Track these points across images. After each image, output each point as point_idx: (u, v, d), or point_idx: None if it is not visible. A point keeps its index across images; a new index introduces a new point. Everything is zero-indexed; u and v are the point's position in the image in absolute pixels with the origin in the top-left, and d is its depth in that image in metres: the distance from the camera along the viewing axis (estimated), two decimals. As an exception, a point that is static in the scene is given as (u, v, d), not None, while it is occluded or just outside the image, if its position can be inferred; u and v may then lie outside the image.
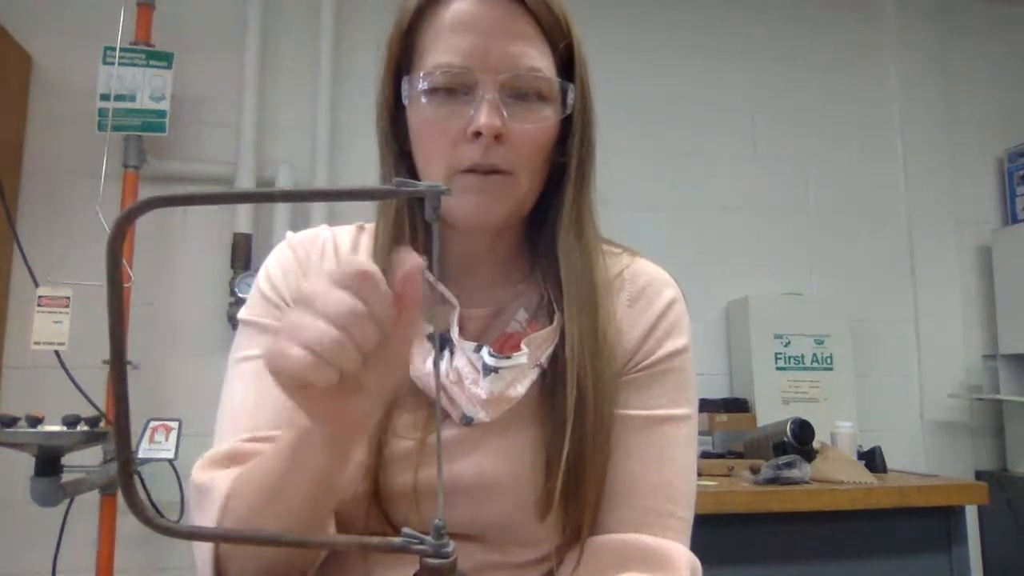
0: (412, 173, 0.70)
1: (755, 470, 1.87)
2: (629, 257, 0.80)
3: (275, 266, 0.75)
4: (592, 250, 0.72)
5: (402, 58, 0.69)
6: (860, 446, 2.15)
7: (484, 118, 0.63)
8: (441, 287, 0.69)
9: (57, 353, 1.88)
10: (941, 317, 2.70)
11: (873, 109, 2.80)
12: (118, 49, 2.09)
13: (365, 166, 1.75)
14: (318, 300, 0.46)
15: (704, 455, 2.10)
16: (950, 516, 1.83)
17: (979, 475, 2.56)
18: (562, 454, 0.64)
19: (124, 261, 2.03)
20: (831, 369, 2.45)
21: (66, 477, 1.58)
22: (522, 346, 0.68)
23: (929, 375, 2.66)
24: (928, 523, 1.82)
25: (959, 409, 2.65)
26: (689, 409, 0.73)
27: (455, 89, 0.65)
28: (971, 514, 2.23)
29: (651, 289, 0.76)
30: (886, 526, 1.79)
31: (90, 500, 1.94)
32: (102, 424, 1.73)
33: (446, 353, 0.68)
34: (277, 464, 0.58)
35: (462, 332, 0.70)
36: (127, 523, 2.03)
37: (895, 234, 2.75)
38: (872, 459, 2.06)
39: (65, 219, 2.10)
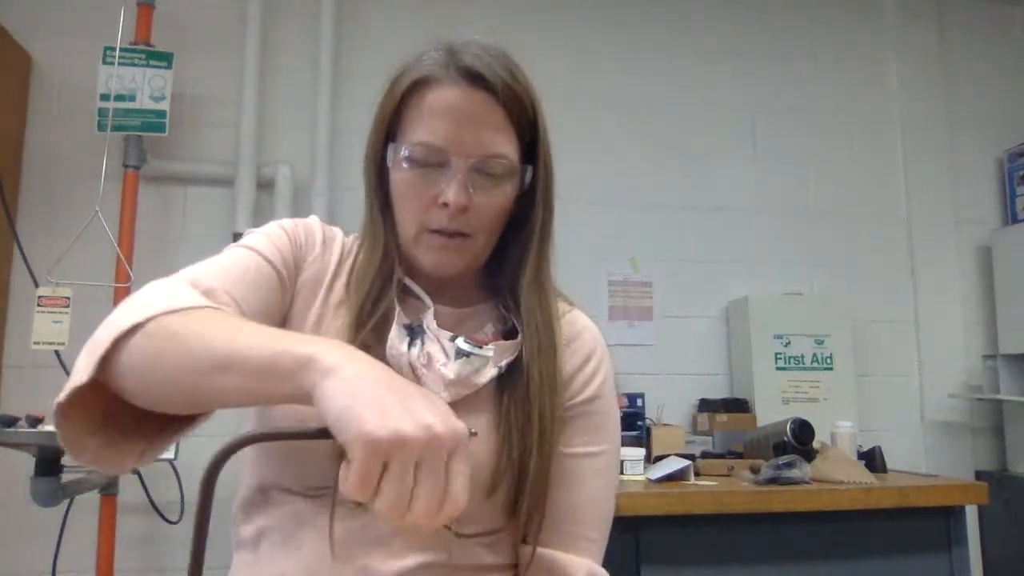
0: (391, 220, 0.83)
1: (755, 470, 1.87)
2: (568, 305, 0.92)
3: (299, 224, 0.86)
4: (551, 303, 0.84)
5: (391, 124, 0.81)
6: (860, 446, 2.15)
7: (453, 195, 0.76)
8: (416, 288, 0.83)
9: (57, 353, 1.88)
10: (941, 317, 2.70)
11: (873, 109, 2.81)
12: (118, 49, 2.09)
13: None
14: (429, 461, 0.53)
15: (704, 455, 2.10)
16: (950, 516, 1.83)
17: (979, 475, 2.56)
18: (512, 453, 0.76)
19: (124, 261, 2.03)
20: (831, 369, 2.45)
21: (66, 477, 1.58)
22: (490, 344, 0.80)
23: (929, 375, 2.66)
24: (928, 523, 1.82)
25: (959, 409, 2.65)
26: (603, 447, 0.85)
27: (431, 163, 0.77)
28: (971, 514, 2.23)
29: (584, 335, 0.89)
30: (886, 526, 1.79)
31: (90, 500, 1.94)
32: (102, 424, 1.73)
33: (419, 340, 0.79)
34: (253, 353, 0.60)
35: (439, 324, 0.82)
36: (127, 523, 2.03)
37: (895, 234, 2.75)
38: (872, 459, 2.06)
39: (65, 219, 2.10)
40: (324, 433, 0.52)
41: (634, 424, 2.22)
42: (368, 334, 0.77)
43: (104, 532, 1.96)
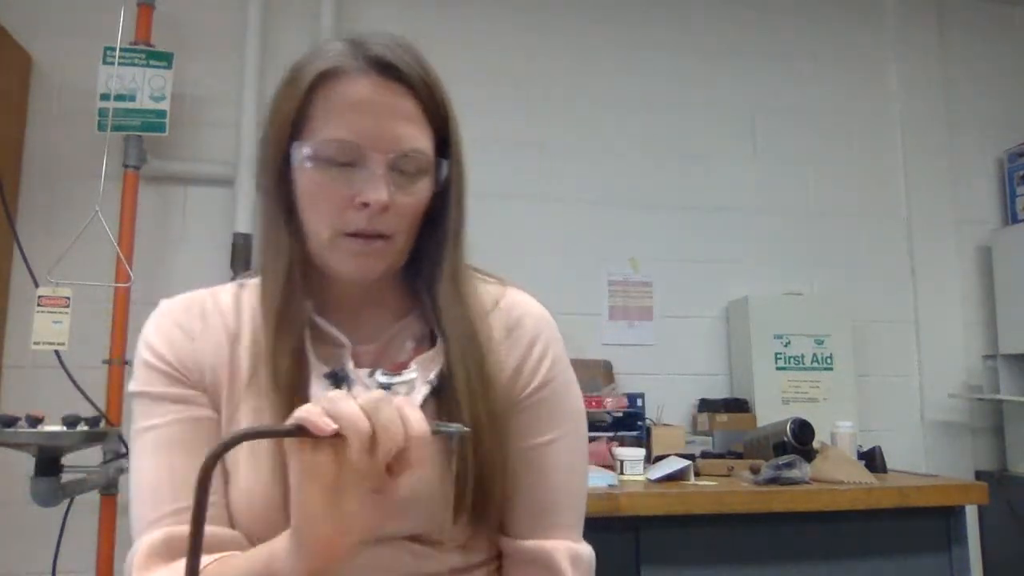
0: (296, 227, 0.76)
1: (755, 470, 1.87)
2: (501, 287, 0.86)
3: (156, 336, 0.78)
4: (469, 300, 0.79)
5: (295, 122, 0.73)
6: (860, 446, 2.15)
7: (374, 193, 0.70)
8: (332, 329, 0.77)
9: (57, 353, 1.88)
10: (941, 317, 2.70)
11: (873, 109, 2.81)
12: (118, 49, 2.09)
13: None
14: (372, 402, 0.54)
15: (704, 455, 2.10)
16: (950, 516, 1.83)
17: (979, 475, 2.56)
18: (466, 468, 0.72)
19: (124, 261, 2.03)
20: (831, 369, 2.45)
21: (66, 477, 1.57)
22: (411, 364, 0.77)
23: (929, 375, 2.66)
24: (928, 523, 1.82)
25: (959, 409, 2.65)
26: (561, 430, 0.82)
27: (345, 161, 0.71)
28: (971, 514, 2.23)
29: (525, 320, 0.83)
30: (886, 526, 1.79)
31: (90, 500, 1.94)
32: (102, 424, 1.73)
33: (344, 386, 0.74)
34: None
35: (357, 365, 0.77)
36: (127, 523, 2.03)
37: (895, 234, 2.75)
38: (872, 459, 2.06)
39: (65, 219, 2.10)
40: (302, 431, 0.53)
41: (634, 424, 2.22)
42: (285, 392, 0.71)
43: (104, 532, 1.96)
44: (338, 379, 0.74)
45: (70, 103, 2.19)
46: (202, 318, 0.79)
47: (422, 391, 0.75)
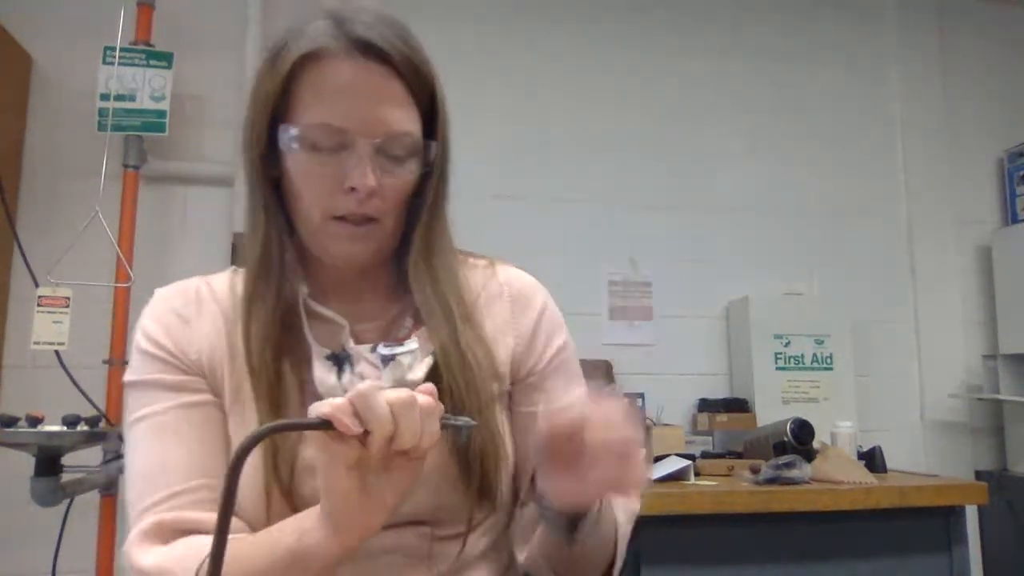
0: (282, 209, 0.76)
1: (755, 470, 1.88)
2: (493, 267, 0.88)
3: (151, 323, 0.78)
4: (440, 270, 0.79)
5: (279, 103, 0.73)
6: (860, 446, 2.15)
7: (361, 178, 0.70)
8: (327, 311, 0.77)
9: (57, 353, 1.88)
10: (941, 317, 2.70)
11: (873, 109, 2.81)
12: (118, 49, 2.09)
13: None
14: (384, 391, 0.55)
15: (704, 455, 2.10)
16: (950, 516, 1.83)
17: (979, 475, 2.56)
18: (463, 444, 0.73)
19: (124, 261, 2.03)
20: (831, 369, 2.45)
21: (66, 477, 1.57)
22: (412, 336, 0.77)
23: (929, 375, 2.66)
24: (928, 523, 1.82)
25: (959, 409, 2.65)
26: (580, 389, 0.85)
27: (332, 145, 0.71)
28: (971, 514, 2.23)
29: (527, 292, 0.86)
30: (886, 526, 1.79)
31: (90, 500, 1.94)
32: (102, 424, 1.73)
33: (346, 365, 0.75)
34: (275, 561, 0.63)
35: (359, 343, 0.77)
36: (127, 523, 2.02)
37: (895, 234, 2.75)
38: (872, 459, 2.06)
39: (65, 219, 2.10)
40: (329, 425, 0.55)
41: (634, 424, 2.22)
42: (290, 376, 0.73)
43: (104, 532, 1.96)
44: (339, 360, 0.75)
45: (70, 103, 2.19)
46: (197, 303, 0.79)
47: (426, 362, 0.75)
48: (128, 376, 0.77)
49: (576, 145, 2.55)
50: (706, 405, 2.40)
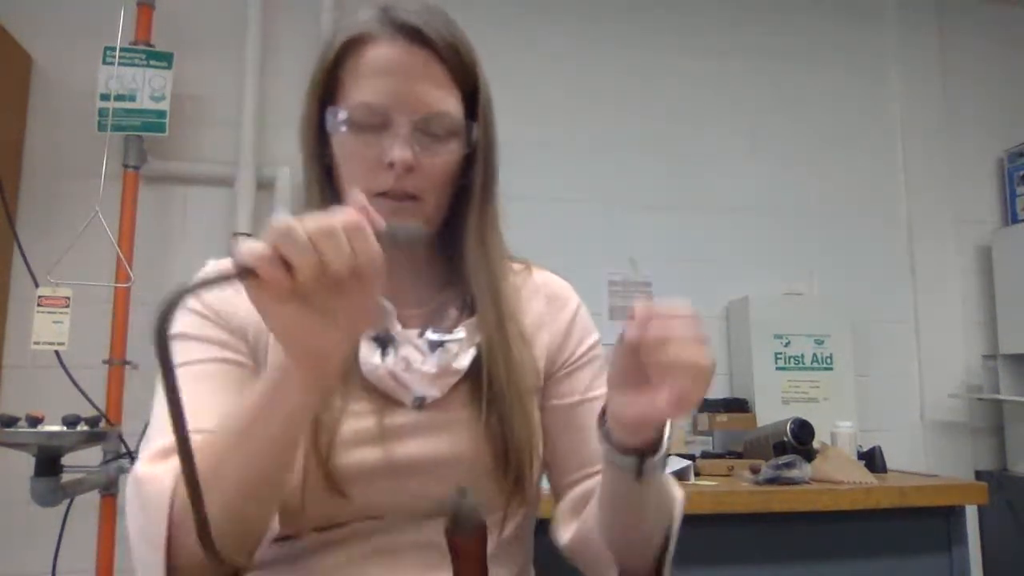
0: (335, 189, 0.79)
1: (755, 470, 1.87)
2: (529, 269, 0.93)
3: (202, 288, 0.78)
4: (495, 262, 0.82)
5: (326, 89, 0.77)
6: (860, 446, 2.15)
7: (397, 152, 0.73)
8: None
9: (57, 353, 1.88)
10: (941, 317, 2.70)
11: (873, 109, 2.81)
12: (118, 49, 2.09)
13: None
14: (302, 221, 0.53)
15: (704, 455, 2.10)
16: (950, 516, 1.83)
17: (979, 475, 2.56)
18: (499, 434, 0.75)
19: (124, 261, 2.03)
20: (831, 369, 2.45)
21: (66, 477, 1.57)
22: (460, 326, 0.79)
23: (929, 375, 2.66)
24: (928, 523, 1.82)
25: (959, 409, 2.65)
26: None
27: (374, 124, 0.74)
28: (971, 514, 2.22)
29: (563, 294, 0.92)
30: (886, 526, 1.79)
31: (90, 500, 1.94)
32: (102, 424, 1.73)
33: (391, 348, 0.77)
34: (251, 404, 0.62)
35: (405, 327, 0.79)
36: (126, 523, 2.02)
37: (895, 234, 2.75)
38: (872, 459, 2.06)
39: (65, 219, 2.09)
40: (249, 273, 0.53)
41: (634, 424, 2.22)
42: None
43: (104, 532, 1.96)
44: (383, 341, 0.77)
45: (70, 103, 2.19)
46: None
47: (470, 353, 0.78)
48: (173, 329, 0.77)
49: (576, 145, 2.55)
50: (706, 405, 2.39)
